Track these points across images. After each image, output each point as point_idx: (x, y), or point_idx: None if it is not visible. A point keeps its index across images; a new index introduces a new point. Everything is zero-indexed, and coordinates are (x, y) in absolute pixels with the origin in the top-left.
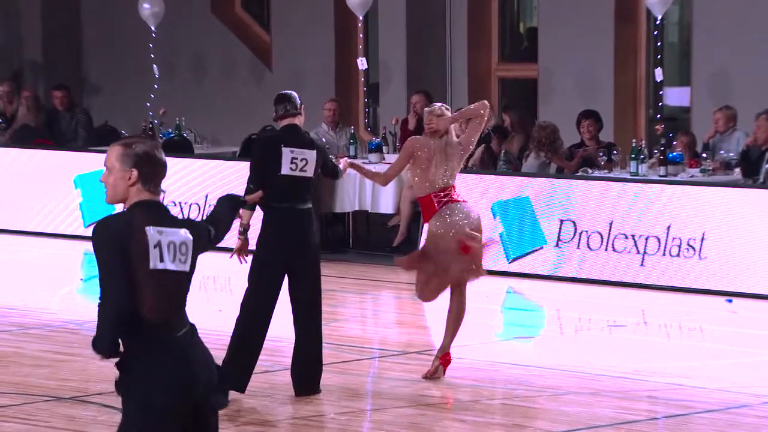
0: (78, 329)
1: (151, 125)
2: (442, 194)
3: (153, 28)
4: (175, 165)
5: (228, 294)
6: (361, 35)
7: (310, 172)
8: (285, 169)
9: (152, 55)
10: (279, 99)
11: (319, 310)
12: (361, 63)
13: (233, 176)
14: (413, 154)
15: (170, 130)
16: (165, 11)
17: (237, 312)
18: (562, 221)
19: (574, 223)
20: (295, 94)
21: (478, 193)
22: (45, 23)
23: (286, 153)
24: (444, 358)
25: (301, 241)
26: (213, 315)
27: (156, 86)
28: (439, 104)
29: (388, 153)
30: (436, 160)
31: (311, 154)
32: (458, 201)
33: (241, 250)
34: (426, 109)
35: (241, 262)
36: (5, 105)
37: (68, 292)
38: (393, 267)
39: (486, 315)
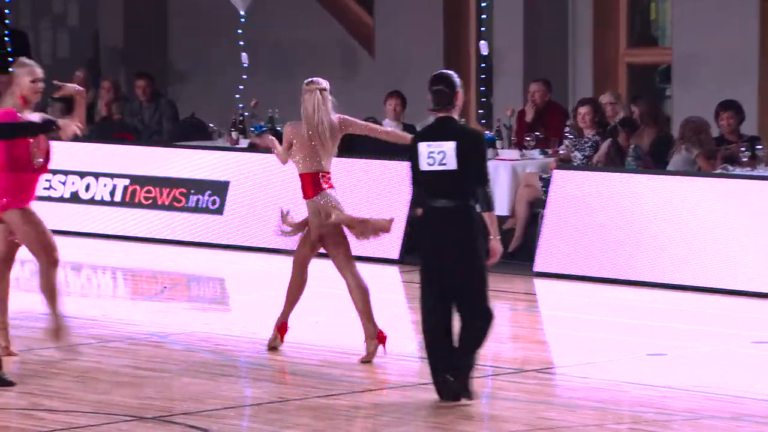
0: (162, 342)
1: (241, 118)
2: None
3: (242, 13)
4: (268, 160)
5: (328, 302)
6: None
7: (451, 165)
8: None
9: (241, 42)
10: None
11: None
12: (483, 47)
13: (332, 173)
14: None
15: (262, 123)
16: None
17: (334, 324)
18: None
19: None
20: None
21: (606, 195)
22: (126, 5)
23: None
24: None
25: (437, 241)
26: (309, 327)
27: (245, 76)
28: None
29: (502, 148)
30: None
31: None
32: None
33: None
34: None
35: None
36: None
37: (151, 301)
38: (508, 275)
39: (610, 328)
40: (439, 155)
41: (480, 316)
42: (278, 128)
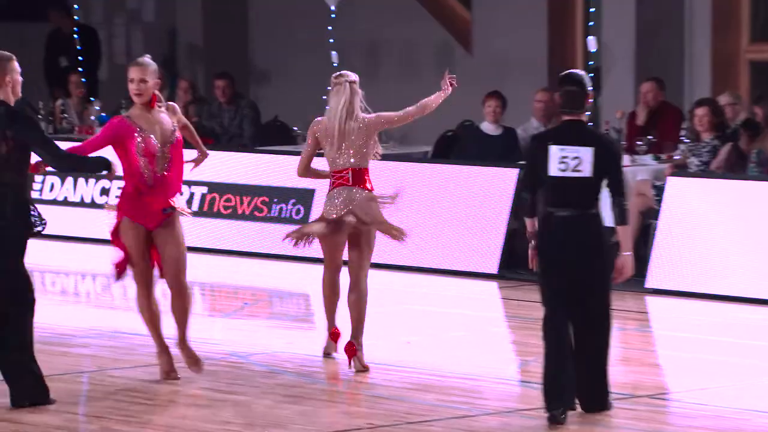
0: (242, 363)
1: None
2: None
3: (332, 8)
4: None
5: (421, 320)
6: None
7: (586, 172)
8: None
9: (331, 40)
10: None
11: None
12: (591, 43)
13: (426, 180)
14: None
15: None
16: None
17: (427, 344)
18: None
19: None
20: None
21: (726, 205)
22: (205, 3)
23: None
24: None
25: (562, 253)
26: (400, 347)
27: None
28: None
29: None
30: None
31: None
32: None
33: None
34: None
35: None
36: None
37: (231, 318)
38: (618, 291)
39: (730, 350)
40: (574, 161)
41: (599, 332)
42: None
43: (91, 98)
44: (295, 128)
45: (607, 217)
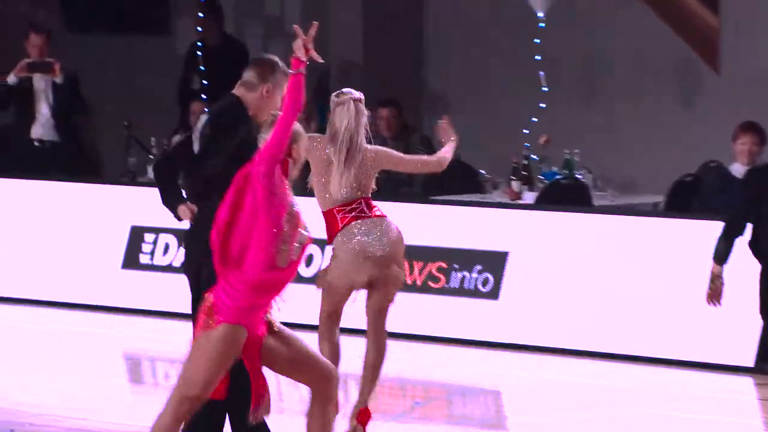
0: None
1: (525, 162)
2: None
3: (540, 15)
4: (552, 221)
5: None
6: None
7: None
8: None
9: (537, 57)
10: None
11: None
12: None
13: (656, 239)
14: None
15: (555, 169)
16: None
17: None
18: None
19: None
20: None
21: None
22: (367, 10)
23: None
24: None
25: None
26: None
27: (543, 104)
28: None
29: None
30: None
31: None
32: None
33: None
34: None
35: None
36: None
37: (399, 422)
38: None
39: None
40: None
41: None
42: (578, 176)
43: None
44: (482, 171)
45: None
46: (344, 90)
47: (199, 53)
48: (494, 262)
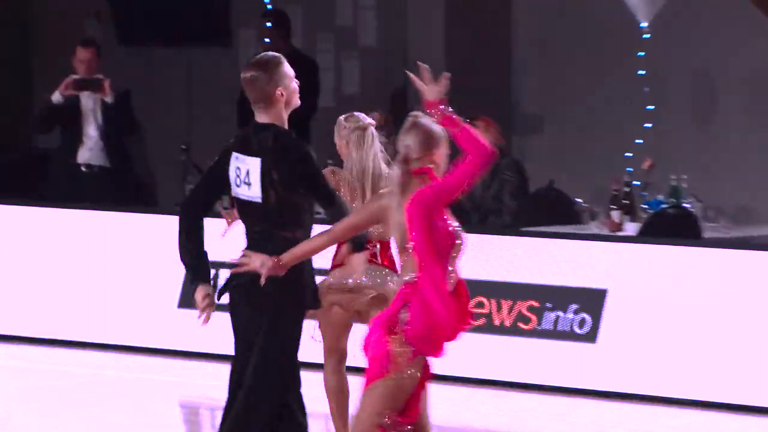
0: None
1: (626, 189)
2: None
3: (644, 25)
4: (657, 255)
5: None
6: None
7: None
8: None
9: (641, 72)
10: None
11: None
12: None
13: None
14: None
15: (660, 197)
16: None
17: None
18: None
19: None
20: None
21: None
22: (449, 18)
23: None
24: None
25: None
26: None
27: (648, 125)
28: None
29: None
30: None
31: None
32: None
33: None
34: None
35: None
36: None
37: None
38: None
39: None
40: None
41: None
42: (686, 204)
43: None
44: (579, 200)
45: None
46: (354, 114)
47: None
48: (592, 300)
